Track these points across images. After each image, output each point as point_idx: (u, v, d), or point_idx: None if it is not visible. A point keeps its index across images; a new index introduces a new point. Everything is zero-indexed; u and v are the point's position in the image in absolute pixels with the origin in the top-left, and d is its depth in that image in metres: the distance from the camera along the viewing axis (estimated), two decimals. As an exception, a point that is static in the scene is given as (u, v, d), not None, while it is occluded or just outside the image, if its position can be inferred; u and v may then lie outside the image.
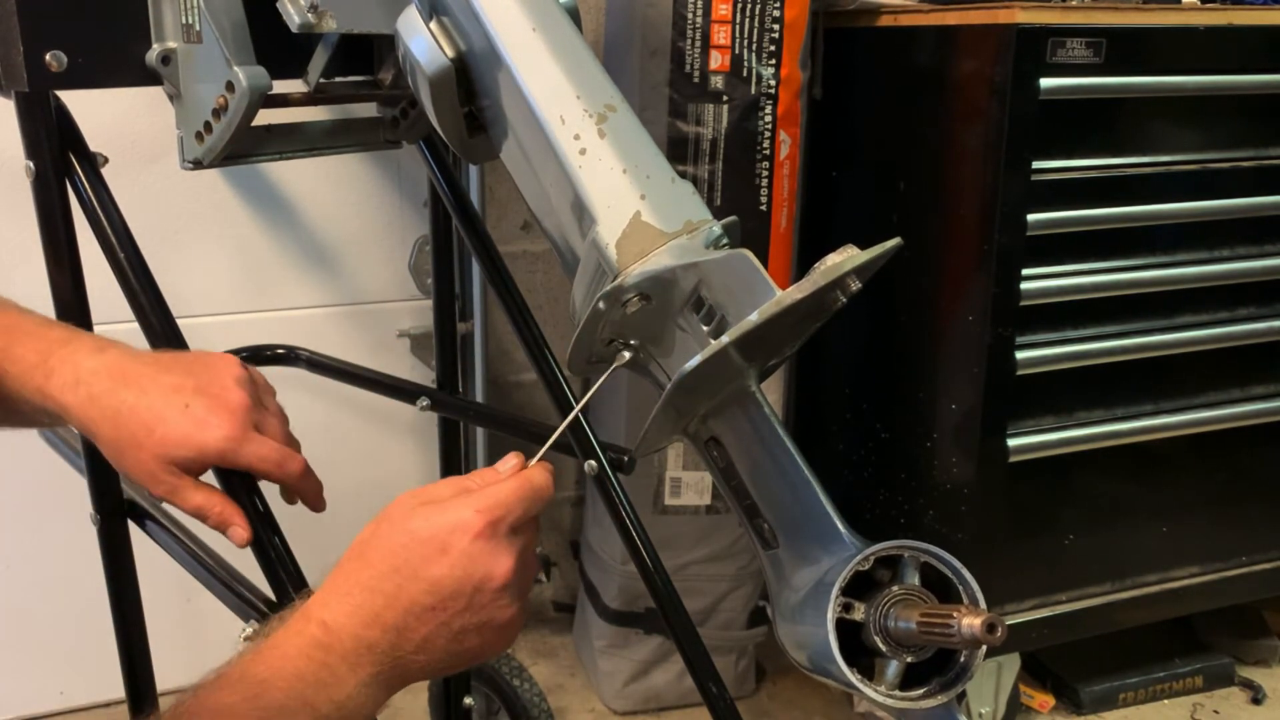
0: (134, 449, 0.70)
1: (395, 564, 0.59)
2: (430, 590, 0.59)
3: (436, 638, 0.59)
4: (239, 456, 0.71)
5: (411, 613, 0.59)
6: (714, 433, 0.69)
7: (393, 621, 0.59)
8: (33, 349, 0.72)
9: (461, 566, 0.59)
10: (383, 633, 0.58)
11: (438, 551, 0.59)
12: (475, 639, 0.60)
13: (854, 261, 0.60)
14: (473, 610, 0.59)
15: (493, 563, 0.59)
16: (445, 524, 0.60)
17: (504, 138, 0.75)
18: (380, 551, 0.60)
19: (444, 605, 0.59)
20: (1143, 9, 1.46)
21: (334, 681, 0.57)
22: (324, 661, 0.57)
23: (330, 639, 0.58)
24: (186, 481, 0.71)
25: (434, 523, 0.60)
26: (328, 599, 0.60)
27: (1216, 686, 1.91)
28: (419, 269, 1.85)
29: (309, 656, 0.57)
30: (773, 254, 1.63)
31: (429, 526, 0.60)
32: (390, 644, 0.59)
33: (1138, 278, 1.54)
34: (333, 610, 0.59)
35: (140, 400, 0.70)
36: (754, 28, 1.53)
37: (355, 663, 0.58)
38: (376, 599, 0.59)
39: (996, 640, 0.53)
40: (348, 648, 0.58)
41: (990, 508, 1.56)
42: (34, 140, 0.84)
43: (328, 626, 0.59)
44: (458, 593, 0.59)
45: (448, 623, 0.59)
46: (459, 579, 0.59)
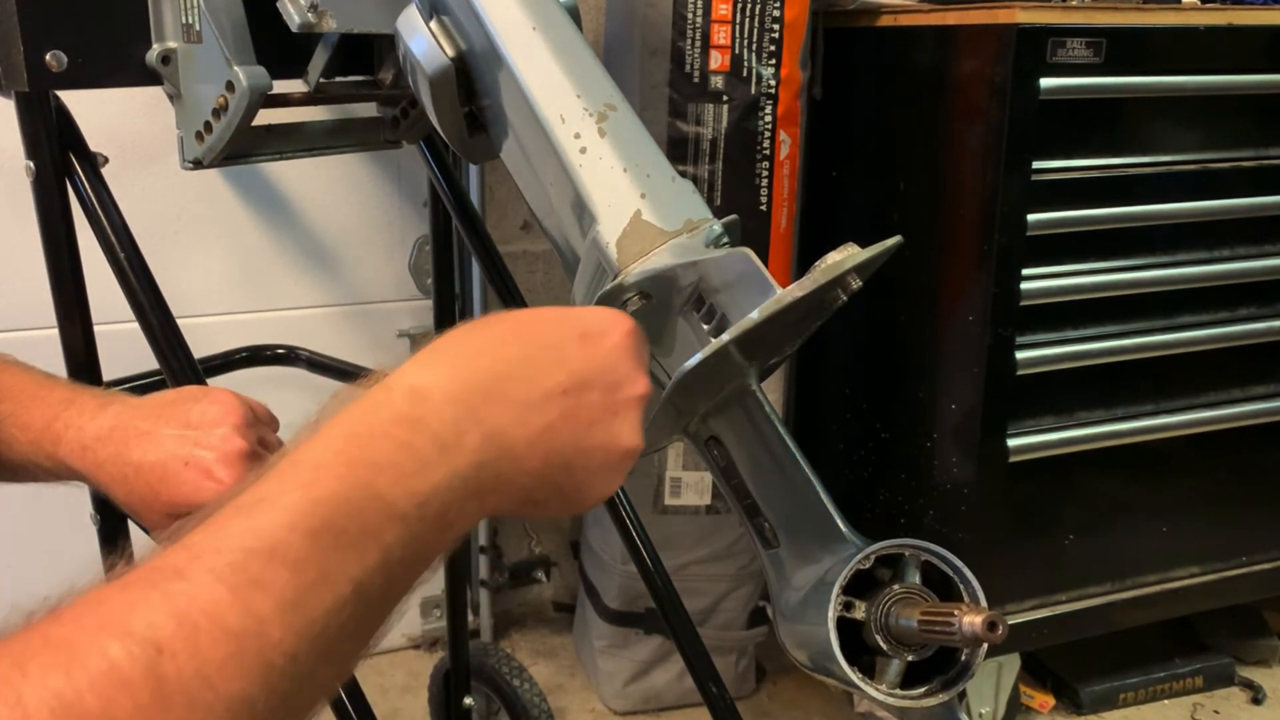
0: (146, 508, 0.72)
1: (528, 334, 0.49)
2: (568, 368, 0.48)
3: (560, 430, 0.48)
4: None
5: (540, 389, 0.47)
6: (714, 432, 0.69)
7: (513, 394, 0.46)
8: (39, 415, 0.73)
9: (607, 357, 0.50)
10: (500, 406, 0.46)
11: (580, 335, 0.50)
12: (598, 453, 0.49)
13: (855, 259, 0.60)
14: (609, 408, 0.49)
15: (635, 370, 0.51)
16: (591, 315, 0.52)
17: (504, 137, 0.75)
18: (507, 323, 0.50)
19: (579, 391, 0.48)
20: (1143, 9, 1.46)
21: (419, 469, 0.42)
22: (407, 441, 0.43)
23: (422, 411, 0.44)
24: None
25: (574, 313, 0.51)
26: (426, 362, 0.47)
27: (1216, 686, 1.91)
28: (419, 269, 1.85)
29: (388, 434, 0.43)
30: (773, 253, 1.63)
31: (570, 314, 0.51)
32: (504, 423, 0.45)
33: (1138, 278, 1.54)
34: (433, 373, 0.46)
35: (145, 459, 0.71)
36: (754, 28, 1.53)
37: (453, 444, 0.44)
38: (496, 365, 0.47)
39: (997, 638, 0.53)
40: (446, 420, 0.44)
41: (990, 508, 1.56)
42: (34, 140, 0.84)
43: (423, 395, 0.44)
44: (597, 381, 0.49)
45: (577, 415, 0.48)
46: (603, 369, 0.50)
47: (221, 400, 0.75)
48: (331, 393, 0.47)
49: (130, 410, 0.74)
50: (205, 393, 0.77)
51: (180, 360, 0.87)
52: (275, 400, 0.85)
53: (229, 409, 0.74)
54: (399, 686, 1.91)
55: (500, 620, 2.08)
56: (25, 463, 0.74)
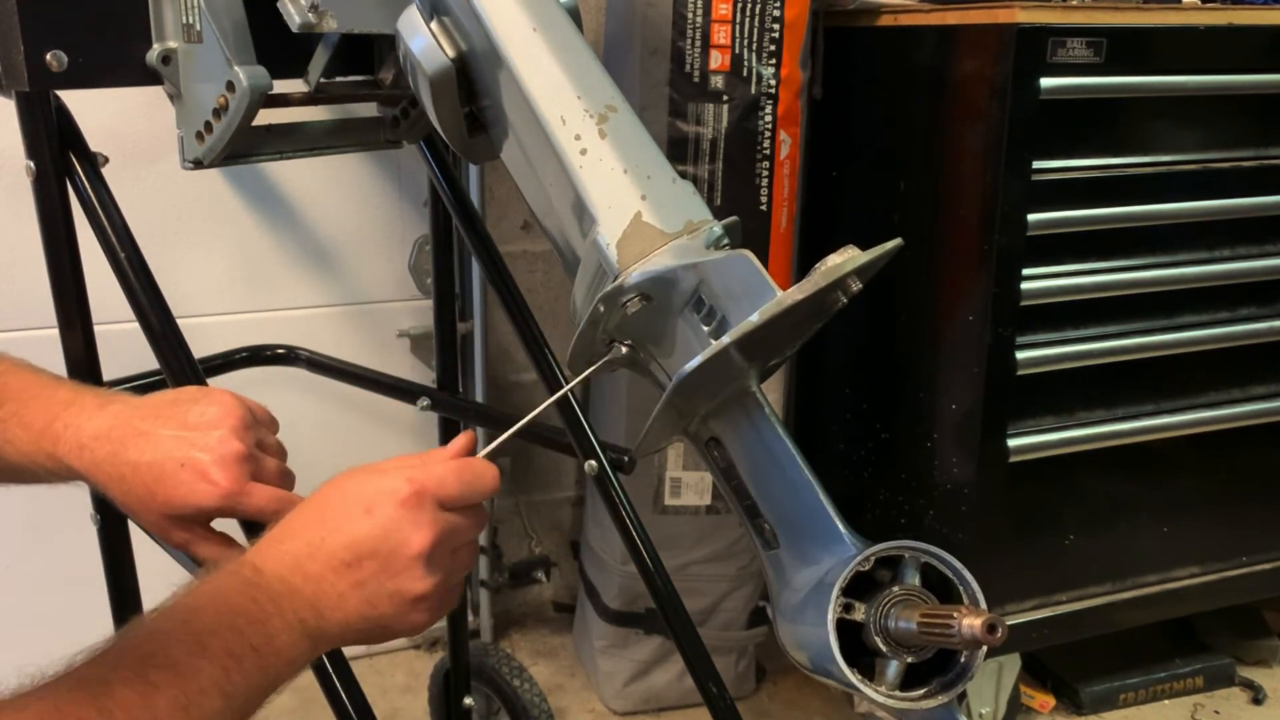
0: (142, 508, 0.72)
1: (324, 517, 0.63)
2: (349, 546, 0.61)
3: (351, 597, 0.61)
4: (236, 509, 0.73)
5: (330, 565, 0.61)
6: (714, 433, 0.69)
7: (314, 571, 0.61)
8: (40, 414, 0.74)
9: (381, 528, 0.62)
10: (304, 580, 0.61)
11: (363, 511, 0.62)
12: (388, 606, 0.62)
13: (854, 262, 0.60)
14: (387, 575, 0.62)
15: (411, 531, 0.62)
16: (375, 487, 0.63)
17: (504, 138, 0.75)
18: (315, 507, 0.64)
19: (359, 563, 0.61)
20: (1143, 9, 1.46)
21: (263, 617, 0.59)
22: (253, 598, 0.59)
23: (259, 579, 0.60)
24: (197, 534, 0.73)
25: (366, 485, 0.64)
26: (262, 546, 0.63)
27: (1216, 686, 1.91)
28: (419, 269, 1.85)
29: (239, 591, 0.59)
30: (773, 254, 1.63)
31: (361, 488, 0.64)
32: (312, 593, 0.61)
33: (1138, 278, 1.54)
34: (263, 555, 0.62)
35: (141, 459, 0.71)
36: (754, 27, 1.53)
37: (281, 605, 0.60)
38: (302, 547, 0.62)
39: (997, 641, 0.53)
40: (274, 589, 0.60)
41: (990, 508, 1.56)
42: (34, 140, 0.83)
43: (257, 568, 0.61)
44: (374, 553, 0.61)
45: (362, 582, 0.61)
46: (376, 539, 0.61)
47: (220, 401, 0.75)
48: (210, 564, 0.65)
49: (129, 410, 0.74)
50: (204, 393, 0.77)
51: (180, 360, 0.87)
52: (275, 400, 0.86)
53: (227, 410, 0.74)
54: (399, 686, 1.91)
55: (500, 620, 2.08)
56: (27, 462, 0.74)
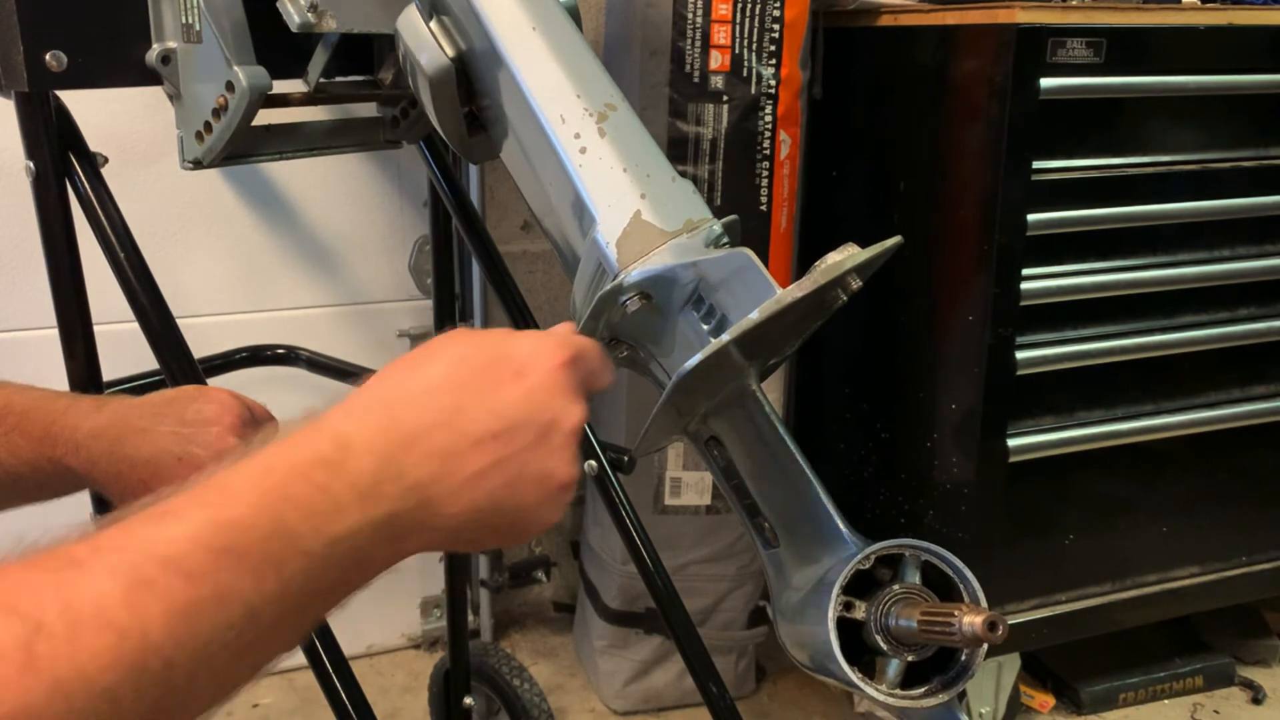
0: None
1: (456, 378, 0.49)
2: (497, 413, 0.48)
3: (489, 478, 0.48)
4: None
5: (470, 437, 0.48)
6: (714, 432, 0.69)
7: (442, 445, 0.47)
8: (39, 421, 0.73)
9: (540, 395, 0.50)
10: (421, 459, 0.46)
11: (513, 374, 0.50)
12: (531, 491, 0.50)
13: (854, 260, 0.60)
14: (540, 451, 0.50)
15: (569, 402, 0.51)
16: (526, 347, 0.51)
17: (504, 137, 0.75)
18: (436, 365, 0.50)
19: (511, 435, 0.49)
20: (1143, 9, 1.46)
21: (332, 510, 0.43)
22: (324, 484, 0.44)
23: (343, 457, 0.45)
24: None
25: (508, 344, 0.51)
26: (353, 410, 0.47)
27: (1216, 686, 1.91)
28: (419, 269, 1.85)
29: (305, 475, 0.44)
30: (773, 254, 1.63)
31: (503, 346, 0.51)
32: (428, 476, 0.46)
33: (1138, 278, 1.54)
34: (358, 422, 0.46)
35: (137, 456, 0.71)
36: (754, 28, 1.53)
37: (370, 492, 0.44)
38: (422, 415, 0.47)
39: (997, 638, 0.53)
40: (365, 470, 0.45)
41: (990, 508, 1.56)
42: (34, 140, 0.84)
43: (345, 442, 0.45)
44: (528, 422, 0.49)
45: (508, 459, 0.49)
46: (534, 408, 0.49)
47: (218, 399, 0.75)
48: (276, 424, 0.48)
49: (127, 408, 0.74)
50: (202, 391, 0.77)
51: (180, 360, 0.87)
52: (275, 400, 0.85)
53: (225, 408, 0.74)
54: (399, 686, 1.91)
55: (500, 620, 2.08)
56: (30, 470, 0.74)
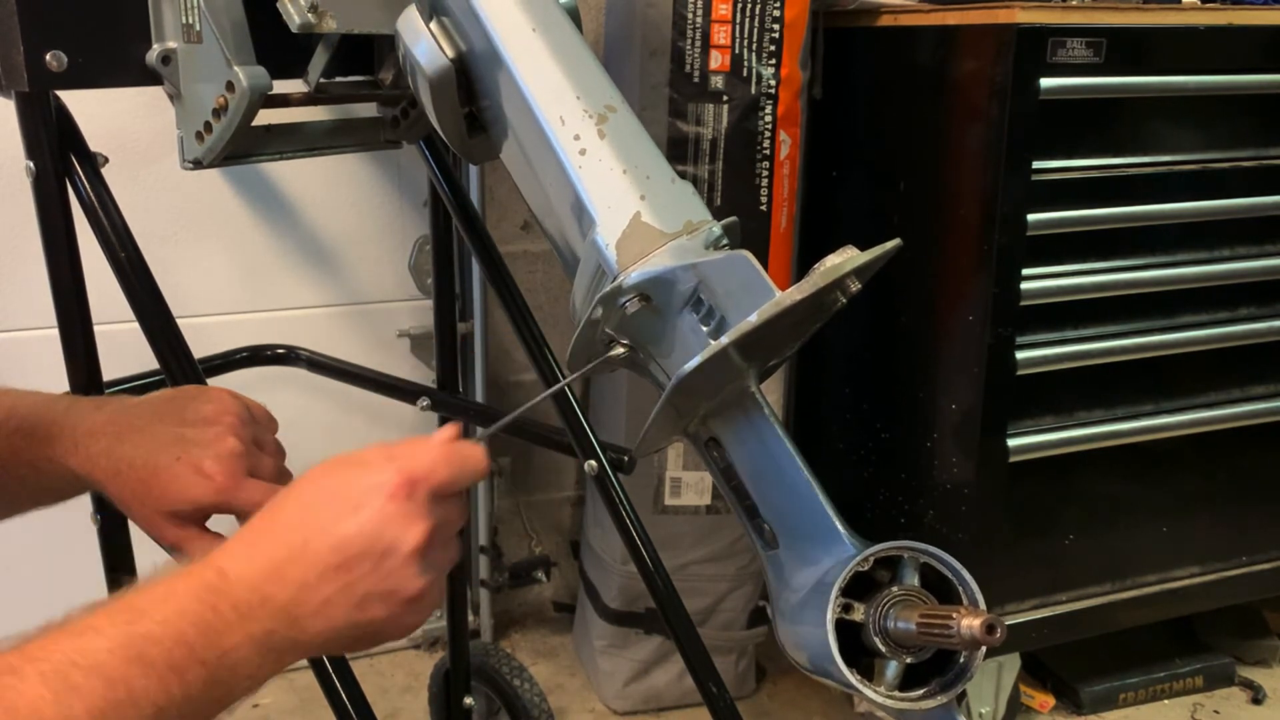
0: (136, 504, 0.71)
1: (305, 518, 0.56)
2: (337, 548, 0.55)
3: (338, 602, 0.55)
4: (232, 505, 0.72)
5: (315, 569, 0.55)
6: (714, 433, 0.69)
7: (295, 577, 0.55)
8: (39, 422, 0.74)
9: (373, 526, 0.56)
10: (282, 587, 0.54)
11: (350, 509, 0.56)
12: (380, 609, 0.56)
13: (854, 263, 0.60)
14: (379, 576, 0.56)
15: (406, 526, 0.56)
16: (361, 482, 0.57)
17: (504, 138, 0.75)
18: (293, 505, 0.57)
19: (349, 566, 0.55)
20: (1143, 9, 1.46)
21: (222, 628, 0.52)
22: (214, 605, 0.52)
23: (225, 585, 0.53)
24: (191, 532, 0.72)
25: (350, 480, 0.57)
26: (231, 547, 0.56)
27: (1216, 686, 1.91)
28: (419, 269, 1.85)
29: (198, 598, 0.52)
30: (773, 254, 1.63)
31: (345, 483, 0.57)
32: (288, 600, 0.54)
33: (1138, 278, 1.54)
34: (233, 557, 0.55)
35: (136, 454, 0.71)
36: (754, 28, 1.53)
37: (247, 614, 0.53)
38: (280, 550, 0.55)
39: (996, 641, 0.53)
40: (241, 597, 0.53)
41: (990, 508, 1.56)
42: (34, 140, 0.83)
43: (224, 573, 0.54)
44: (366, 553, 0.56)
45: (351, 585, 0.55)
46: (369, 538, 0.56)
47: (217, 399, 0.75)
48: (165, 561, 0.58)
49: (126, 408, 0.74)
50: (201, 391, 0.77)
51: (180, 360, 0.87)
52: (275, 400, 0.86)
53: (224, 408, 0.74)
54: (399, 686, 1.91)
55: (500, 620, 2.08)
56: (31, 471, 0.74)
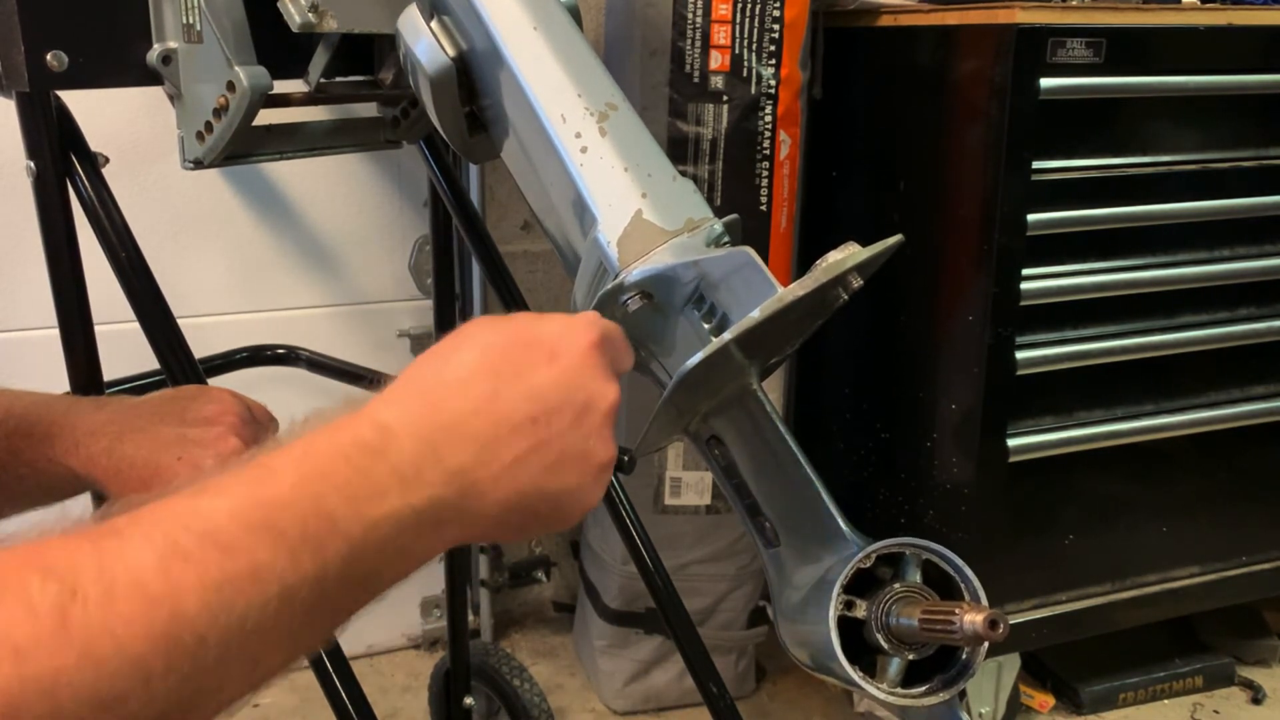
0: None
1: (492, 364, 0.50)
2: (534, 397, 0.49)
3: (530, 462, 0.49)
4: None
5: (509, 422, 0.48)
6: (715, 431, 0.69)
7: (479, 431, 0.47)
8: (38, 422, 0.73)
9: (574, 376, 0.50)
10: (462, 444, 0.47)
11: (546, 356, 0.50)
12: (573, 473, 0.50)
13: (855, 258, 0.60)
14: (580, 433, 0.50)
15: (604, 382, 0.52)
16: (555, 329, 0.52)
17: (505, 137, 0.75)
18: (471, 352, 0.50)
19: (547, 418, 0.49)
20: (1143, 9, 1.46)
21: (372, 494, 0.44)
22: (365, 468, 0.44)
23: (385, 443, 0.45)
24: None
25: (539, 327, 0.52)
26: (395, 397, 0.48)
27: (1216, 686, 1.91)
28: (419, 269, 1.85)
29: (346, 458, 0.44)
30: (773, 254, 1.63)
31: (535, 329, 0.52)
32: (468, 461, 0.47)
33: (1138, 278, 1.54)
34: (400, 409, 0.47)
35: (136, 454, 0.71)
36: (754, 28, 1.53)
37: (411, 477, 0.45)
38: (460, 401, 0.48)
39: (999, 636, 0.53)
40: (406, 455, 0.45)
41: (990, 508, 1.56)
42: (35, 140, 0.84)
43: (386, 428, 0.46)
44: (565, 404, 0.50)
45: (547, 442, 0.49)
46: (569, 389, 0.50)
47: (218, 399, 0.75)
48: (313, 411, 0.48)
49: (126, 408, 0.74)
50: (202, 391, 0.77)
51: (180, 360, 0.87)
52: (275, 400, 0.86)
53: (225, 407, 0.75)
54: (399, 686, 1.91)
55: (500, 620, 2.08)
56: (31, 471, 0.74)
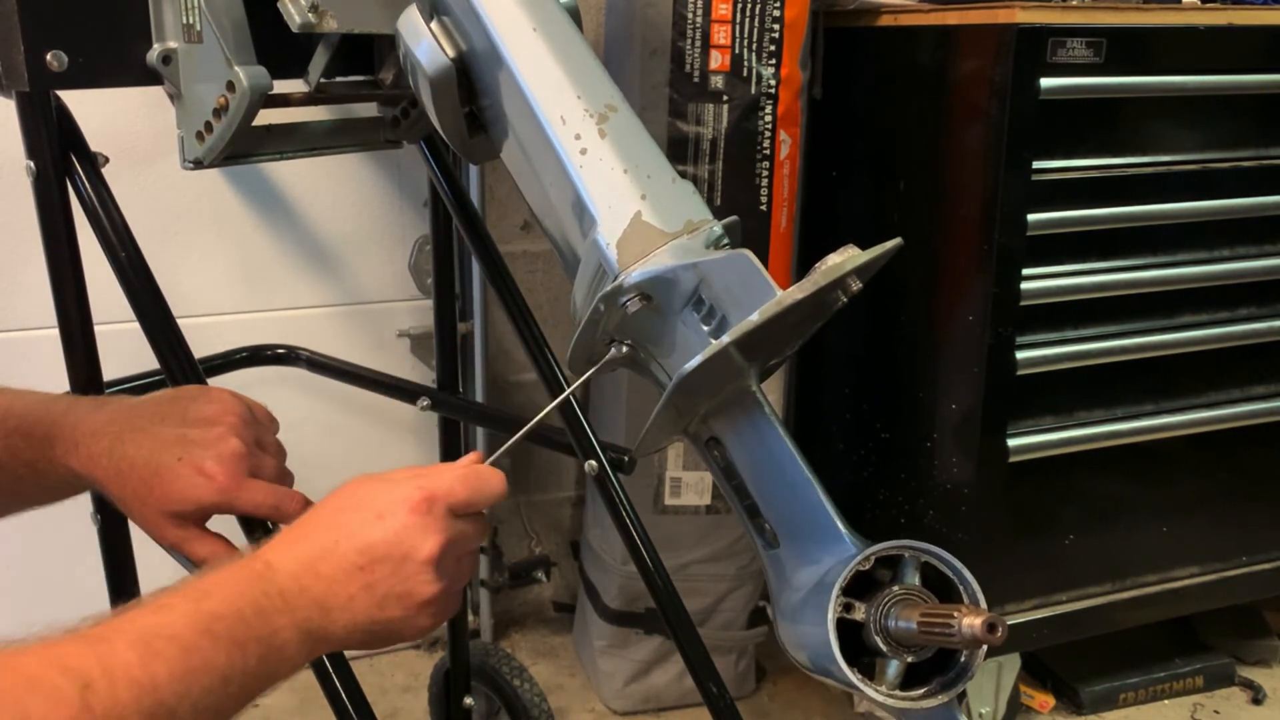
0: (137, 504, 0.72)
1: (338, 522, 0.64)
2: (362, 551, 0.63)
3: (361, 599, 0.63)
4: (234, 505, 0.73)
5: (343, 568, 0.63)
6: (714, 432, 0.69)
7: (326, 572, 0.63)
8: (39, 422, 0.74)
9: (394, 533, 0.64)
10: (315, 580, 0.62)
11: (375, 517, 0.64)
12: (396, 609, 0.64)
13: (855, 261, 0.60)
14: (397, 578, 0.64)
15: (422, 537, 0.64)
16: (388, 495, 0.65)
17: (504, 137, 0.75)
18: (328, 510, 0.66)
19: (371, 568, 0.63)
20: (1143, 9, 1.46)
21: (271, 611, 0.60)
22: (264, 591, 0.60)
23: (271, 575, 0.62)
24: (192, 532, 0.74)
25: (378, 493, 0.66)
26: (275, 545, 0.65)
27: (1216, 686, 1.91)
28: (419, 269, 1.85)
29: (250, 584, 0.61)
30: (773, 254, 1.63)
31: (373, 495, 0.66)
32: (322, 593, 0.62)
33: (1138, 278, 1.54)
34: (277, 553, 0.63)
35: (138, 455, 0.71)
36: (754, 28, 1.53)
37: (290, 603, 0.61)
38: (315, 549, 0.63)
39: (997, 640, 0.53)
40: (285, 587, 0.61)
41: (990, 508, 1.56)
42: (34, 140, 0.83)
43: (270, 564, 0.62)
44: (386, 558, 0.63)
45: (373, 585, 0.63)
46: (389, 544, 0.63)
47: (219, 399, 0.76)
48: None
49: (127, 408, 0.74)
50: (203, 391, 0.77)
51: (180, 360, 0.87)
52: (275, 400, 0.86)
53: (226, 408, 0.75)
54: (399, 686, 1.91)
55: (500, 620, 2.08)
56: (30, 472, 0.74)
